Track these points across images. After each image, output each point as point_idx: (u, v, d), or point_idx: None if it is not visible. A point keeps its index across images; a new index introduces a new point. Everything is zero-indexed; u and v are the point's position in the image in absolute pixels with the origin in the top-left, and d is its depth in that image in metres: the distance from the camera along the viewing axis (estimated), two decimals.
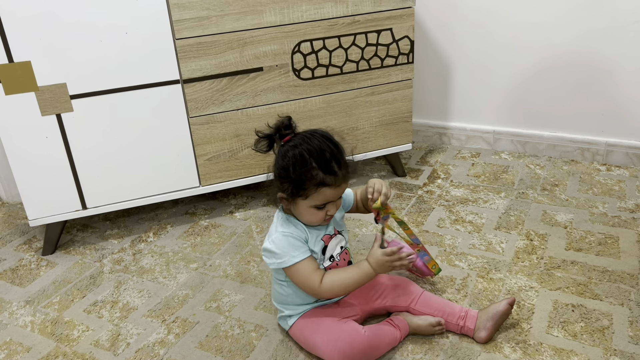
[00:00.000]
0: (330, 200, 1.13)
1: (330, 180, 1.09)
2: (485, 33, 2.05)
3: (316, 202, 1.11)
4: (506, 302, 1.22)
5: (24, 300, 1.47)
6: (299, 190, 1.10)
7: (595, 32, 1.87)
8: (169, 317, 1.37)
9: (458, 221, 1.70)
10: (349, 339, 1.14)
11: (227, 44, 1.56)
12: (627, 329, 1.24)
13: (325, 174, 1.09)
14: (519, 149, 2.15)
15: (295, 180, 1.10)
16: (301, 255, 1.14)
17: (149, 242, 1.71)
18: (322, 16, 1.63)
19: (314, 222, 1.16)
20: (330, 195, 1.11)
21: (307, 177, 1.09)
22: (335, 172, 1.10)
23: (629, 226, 1.61)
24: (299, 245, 1.14)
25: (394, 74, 1.80)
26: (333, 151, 1.11)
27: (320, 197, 1.11)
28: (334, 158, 1.10)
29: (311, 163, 1.09)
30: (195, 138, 1.65)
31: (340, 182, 1.11)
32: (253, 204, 1.89)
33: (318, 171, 1.08)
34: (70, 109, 1.50)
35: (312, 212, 1.13)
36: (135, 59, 1.51)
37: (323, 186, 1.09)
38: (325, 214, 1.14)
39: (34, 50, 1.41)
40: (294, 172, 1.09)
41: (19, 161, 1.51)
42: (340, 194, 1.15)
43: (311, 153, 1.09)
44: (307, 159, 1.09)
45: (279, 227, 1.17)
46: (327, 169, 1.09)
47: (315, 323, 1.19)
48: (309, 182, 1.09)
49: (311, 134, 1.13)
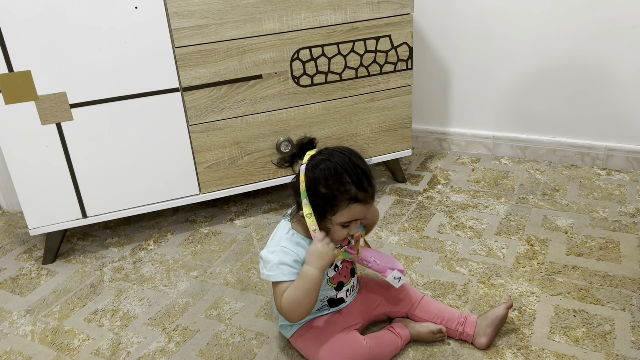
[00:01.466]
0: (358, 217, 1.09)
1: (363, 196, 1.07)
2: (484, 38, 2.05)
3: (345, 218, 1.08)
4: (504, 307, 1.21)
5: (24, 310, 1.47)
6: (329, 206, 1.07)
7: (594, 36, 1.88)
8: (169, 325, 1.37)
9: (458, 227, 1.70)
10: (350, 351, 1.14)
11: (226, 51, 1.57)
12: (629, 334, 1.23)
13: (359, 189, 1.06)
14: (518, 154, 2.15)
15: (327, 195, 1.06)
16: (288, 276, 1.10)
17: (150, 250, 1.70)
18: (321, 23, 1.63)
19: (338, 240, 1.12)
20: (359, 212, 1.08)
21: (340, 191, 1.05)
22: (366, 189, 1.07)
23: (630, 230, 1.61)
24: (290, 267, 1.11)
25: (393, 80, 1.80)
26: (365, 168, 1.09)
27: (350, 213, 1.07)
28: (365, 174, 1.08)
29: (344, 177, 1.06)
30: (195, 146, 1.65)
31: (370, 199, 1.09)
32: (253, 211, 1.89)
33: (352, 186, 1.06)
34: (70, 118, 1.50)
35: (339, 231, 1.10)
36: (135, 68, 1.51)
37: (355, 202, 1.06)
38: (347, 233, 1.11)
39: (34, 60, 1.42)
40: (326, 186, 1.06)
41: (19, 170, 1.51)
42: (367, 212, 1.11)
43: (344, 167, 1.06)
44: (340, 172, 1.06)
45: (283, 241, 1.14)
46: (360, 184, 1.06)
47: (317, 334, 1.18)
48: (341, 196, 1.06)
49: (339, 149, 1.10)
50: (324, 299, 1.21)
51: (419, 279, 1.46)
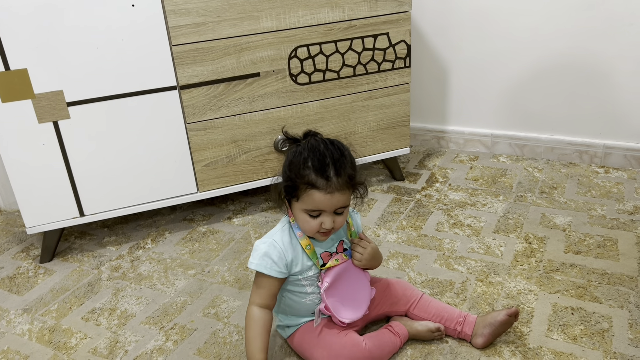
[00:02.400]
0: (322, 208, 1.06)
1: (322, 184, 1.04)
2: (482, 36, 2.05)
3: (307, 206, 1.07)
4: (505, 313, 1.19)
5: (22, 309, 1.46)
6: (292, 190, 1.08)
7: (592, 34, 1.88)
8: (167, 323, 1.37)
9: (456, 225, 1.70)
10: (349, 354, 1.13)
11: (223, 49, 1.56)
12: (626, 331, 1.23)
13: (317, 176, 1.04)
14: (517, 152, 2.15)
15: (290, 178, 1.07)
16: (269, 271, 1.10)
17: (147, 248, 1.70)
18: (319, 21, 1.63)
19: (307, 231, 1.11)
20: (320, 201, 1.05)
21: (299, 175, 1.05)
22: (328, 177, 1.04)
23: (628, 228, 1.61)
24: (276, 262, 1.10)
25: (391, 78, 1.80)
26: (336, 157, 1.06)
27: (309, 200, 1.05)
28: (334, 164, 1.05)
29: (307, 162, 1.05)
30: (193, 144, 1.65)
31: (334, 190, 1.04)
32: (251, 209, 1.88)
33: (310, 171, 1.04)
34: (67, 116, 1.50)
35: (305, 219, 1.09)
36: (132, 66, 1.51)
37: (312, 188, 1.04)
38: (319, 225, 1.08)
39: (31, 58, 1.41)
40: (290, 169, 1.07)
41: (16, 169, 1.50)
42: (336, 206, 1.07)
43: (311, 152, 1.06)
44: (305, 157, 1.06)
45: (276, 234, 1.14)
46: (320, 170, 1.04)
47: (315, 336, 1.17)
48: (300, 180, 1.05)
49: (328, 140, 1.09)
50: (319, 303, 1.18)
51: (417, 277, 1.46)
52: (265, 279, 1.12)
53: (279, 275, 1.12)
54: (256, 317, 1.12)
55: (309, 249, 1.13)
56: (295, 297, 1.17)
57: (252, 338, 1.11)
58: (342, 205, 1.08)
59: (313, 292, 1.17)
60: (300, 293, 1.17)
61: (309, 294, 1.17)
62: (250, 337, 1.11)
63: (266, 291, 1.13)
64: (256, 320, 1.12)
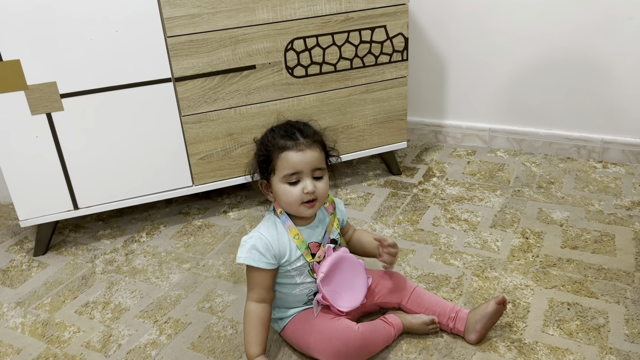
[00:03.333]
0: (298, 169, 1.10)
1: (291, 144, 1.11)
2: (481, 30, 2.04)
3: (283, 171, 1.11)
4: (494, 302, 1.18)
5: (15, 302, 1.45)
6: (267, 165, 1.13)
7: (591, 28, 1.86)
8: (161, 317, 1.36)
9: (453, 219, 1.69)
10: (342, 336, 1.13)
11: (219, 41, 1.55)
12: (623, 327, 1.23)
13: (285, 139, 1.12)
14: (514, 147, 2.14)
15: (262, 155, 1.14)
16: (259, 263, 1.12)
17: (142, 242, 1.69)
18: (315, 13, 1.61)
19: (292, 203, 1.12)
20: (295, 160, 1.10)
21: (270, 146, 1.12)
22: (296, 138, 1.12)
23: (625, 224, 1.60)
24: (264, 254, 1.12)
25: (389, 72, 1.78)
26: (299, 126, 1.15)
27: (285, 164, 1.10)
28: (298, 129, 1.14)
29: (274, 133, 1.14)
30: (188, 137, 1.63)
31: (304, 147, 1.11)
32: (247, 203, 1.87)
33: (278, 138, 1.12)
34: (61, 108, 1.48)
35: (287, 190, 1.12)
36: (126, 57, 1.49)
37: (284, 150, 1.11)
38: (301, 192, 1.11)
39: (23, 49, 1.40)
40: (261, 147, 1.15)
41: (9, 161, 1.49)
42: (309, 164, 1.11)
43: (276, 127, 1.16)
44: (272, 131, 1.15)
45: (262, 227, 1.17)
46: (288, 135, 1.12)
47: (308, 324, 1.17)
48: (272, 150, 1.12)
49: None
50: (309, 293, 1.19)
51: (413, 272, 1.46)
52: (255, 272, 1.14)
53: (268, 266, 1.13)
54: (250, 312, 1.14)
55: (298, 238, 1.15)
56: (285, 289, 1.18)
57: (247, 333, 1.14)
58: (317, 165, 1.13)
59: (303, 282, 1.18)
60: (290, 284, 1.18)
61: (298, 285, 1.18)
62: (245, 331, 1.15)
63: (259, 285, 1.14)
64: (250, 315, 1.14)
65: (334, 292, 1.18)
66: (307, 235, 1.17)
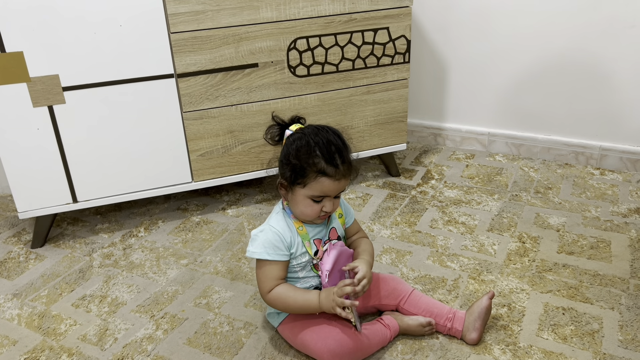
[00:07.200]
0: (328, 194, 1.11)
1: (331, 171, 1.09)
2: (482, 35, 2.04)
3: (314, 192, 1.10)
4: (487, 297, 1.21)
5: (12, 293, 1.45)
6: (298, 177, 1.10)
7: (592, 35, 1.87)
8: (157, 312, 1.36)
9: (451, 222, 1.69)
10: (338, 337, 1.13)
11: (222, 39, 1.55)
12: (617, 333, 1.23)
13: (327, 164, 1.09)
14: (513, 152, 2.15)
15: (296, 166, 1.09)
16: (274, 256, 1.13)
17: (140, 237, 1.69)
18: (319, 13, 1.62)
19: (308, 215, 1.14)
20: (328, 187, 1.10)
21: (308, 163, 1.09)
22: (337, 165, 1.09)
23: (621, 230, 1.61)
24: (278, 246, 1.14)
25: (390, 74, 1.79)
26: (339, 146, 1.11)
27: (318, 187, 1.10)
28: (339, 152, 1.10)
29: (315, 151, 1.09)
30: (189, 133, 1.63)
31: (341, 176, 1.10)
32: (246, 200, 1.88)
33: (320, 159, 1.09)
34: (63, 101, 1.48)
35: (308, 204, 1.12)
36: (130, 52, 1.49)
37: (323, 175, 1.09)
38: (320, 209, 1.13)
39: (27, 41, 1.40)
40: (297, 157, 1.10)
41: (9, 153, 1.49)
42: (339, 190, 1.13)
43: (317, 142, 1.10)
44: (312, 146, 1.09)
45: (272, 220, 1.17)
46: (330, 159, 1.09)
47: (305, 321, 1.18)
48: (309, 169, 1.09)
49: (322, 127, 1.14)
50: (310, 287, 1.21)
51: (409, 273, 1.46)
52: (269, 266, 1.14)
53: (283, 258, 1.15)
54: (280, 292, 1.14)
55: (302, 230, 1.17)
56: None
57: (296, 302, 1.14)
58: (343, 189, 1.15)
59: (305, 276, 1.19)
60: (293, 278, 1.19)
61: (300, 279, 1.19)
62: (294, 305, 1.14)
63: (274, 277, 1.15)
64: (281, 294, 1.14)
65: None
66: (310, 231, 1.19)
